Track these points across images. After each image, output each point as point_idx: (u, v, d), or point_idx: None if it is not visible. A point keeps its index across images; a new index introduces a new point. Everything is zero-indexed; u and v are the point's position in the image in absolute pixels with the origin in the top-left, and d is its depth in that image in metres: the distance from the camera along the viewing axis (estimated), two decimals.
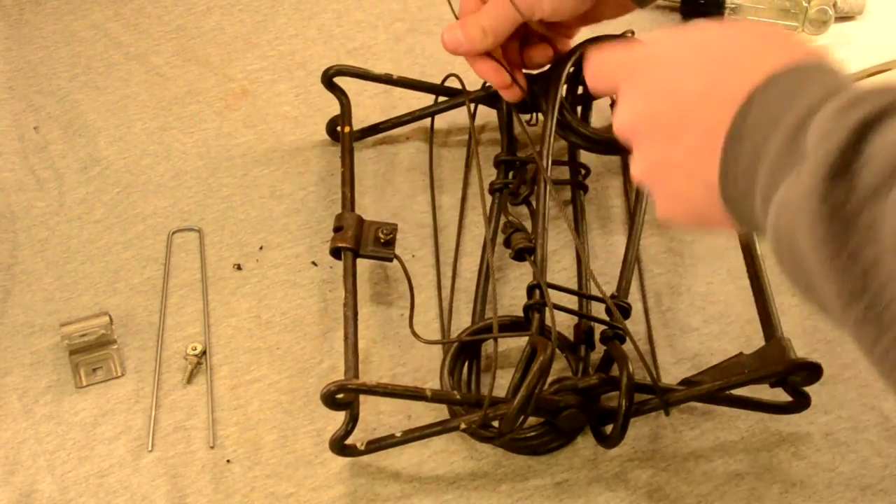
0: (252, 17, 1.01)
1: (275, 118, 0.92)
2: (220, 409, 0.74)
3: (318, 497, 0.70)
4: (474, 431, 0.68)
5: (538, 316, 0.70)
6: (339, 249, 0.74)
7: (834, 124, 0.41)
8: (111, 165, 0.89)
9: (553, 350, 0.65)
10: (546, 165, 0.75)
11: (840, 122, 0.40)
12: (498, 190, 0.82)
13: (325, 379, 0.75)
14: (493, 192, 0.82)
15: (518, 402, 0.64)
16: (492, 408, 0.66)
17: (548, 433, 0.71)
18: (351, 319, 0.71)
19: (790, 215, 0.42)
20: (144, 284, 0.81)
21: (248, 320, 0.79)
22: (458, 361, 0.73)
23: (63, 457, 0.72)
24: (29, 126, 0.92)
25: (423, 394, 0.67)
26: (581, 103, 0.84)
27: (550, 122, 0.77)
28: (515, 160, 0.83)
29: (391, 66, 0.95)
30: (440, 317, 0.78)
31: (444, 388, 0.71)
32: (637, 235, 0.78)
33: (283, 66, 0.96)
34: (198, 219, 0.85)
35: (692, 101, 0.49)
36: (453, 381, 0.72)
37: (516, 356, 0.71)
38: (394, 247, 0.75)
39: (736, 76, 0.47)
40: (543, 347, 0.65)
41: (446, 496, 0.70)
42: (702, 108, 0.48)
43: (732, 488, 0.70)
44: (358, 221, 0.76)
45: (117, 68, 0.96)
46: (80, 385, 0.76)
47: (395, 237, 0.75)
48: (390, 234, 0.75)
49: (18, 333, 0.79)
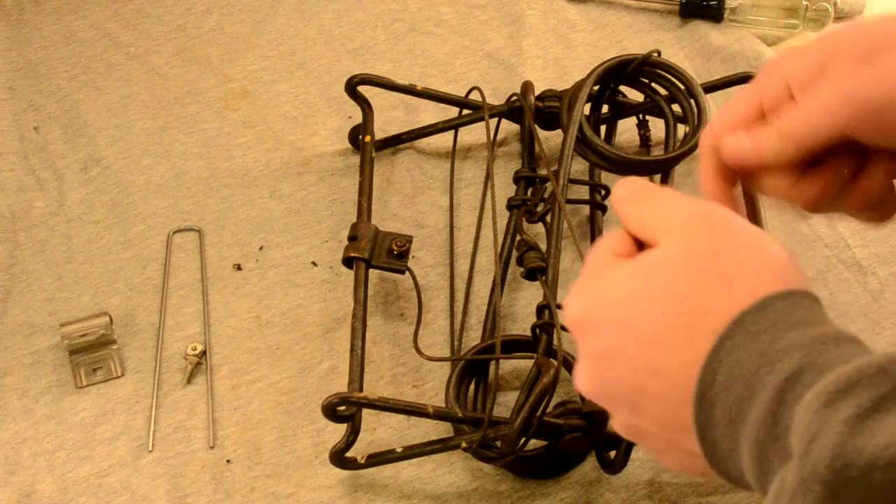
0: (252, 17, 1.01)
1: (275, 118, 0.92)
2: (220, 409, 0.74)
3: (318, 497, 0.70)
4: (476, 451, 0.68)
5: (546, 336, 0.69)
6: (351, 259, 0.74)
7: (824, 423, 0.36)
8: (111, 165, 0.89)
9: (557, 372, 0.63)
10: (562, 185, 0.73)
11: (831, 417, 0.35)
12: (515, 206, 0.81)
13: (325, 379, 0.76)
14: (511, 208, 0.82)
15: (518, 424, 0.63)
16: (493, 428, 0.66)
17: (551, 456, 0.69)
18: (359, 331, 0.70)
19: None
20: (144, 284, 0.81)
21: (248, 320, 0.79)
22: (464, 379, 0.72)
23: (63, 457, 0.72)
24: (29, 126, 0.92)
25: (425, 410, 0.67)
26: (606, 123, 0.84)
27: (569, 141, 0.75)
28: (535, 177, 0.83)
29: (391, 66, 0.95)
30: (450, 334, 0.78)
31: (448, 405, 0.70)
32: None
33: (283, 66, 0.96)
34: (198, 219, 0.85)
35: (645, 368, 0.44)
36: (459, 398, 0.71)
37: (527, 376, 0.69)
38: (407, 259, 0.75)
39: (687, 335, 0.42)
40: (547, 369, 0.64)
41: (447, 496, 0.70)
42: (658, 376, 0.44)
43: (734, 489, 0.70)
44: (374, 232, 0.76)
45: (117, 68, 0.96)
46: (80, 385, 0.76)
47: (408, 249, 0.75)
48: (404, 245, 0.75)
49: (18, 333, 0.79)
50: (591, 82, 0.78)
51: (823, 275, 0.80)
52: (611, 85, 0.82)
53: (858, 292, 0.79)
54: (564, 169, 0.74)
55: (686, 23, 0.98)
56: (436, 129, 0.88)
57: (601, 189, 0.83)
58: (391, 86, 0.86)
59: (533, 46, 0.96)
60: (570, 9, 1.00)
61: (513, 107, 0.85)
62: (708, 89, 0.83)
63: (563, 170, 0.74)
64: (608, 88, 0.82)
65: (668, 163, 0.79)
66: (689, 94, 0.79)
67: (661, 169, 0.80)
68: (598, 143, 0.77)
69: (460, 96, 0.88)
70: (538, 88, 0.84)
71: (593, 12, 1.00)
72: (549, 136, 0.86)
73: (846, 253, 0.81)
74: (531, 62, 0.95)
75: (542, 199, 0.80)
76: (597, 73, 0.79)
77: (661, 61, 0.80)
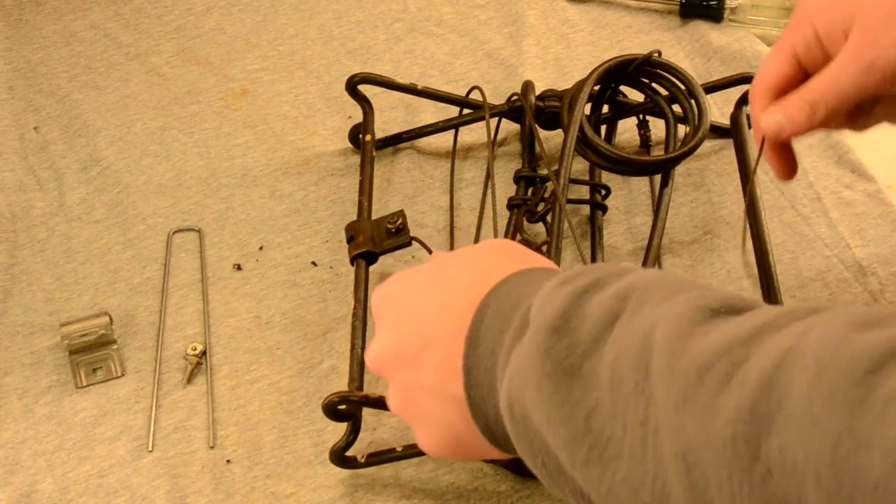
0: (252, 17, 1.01)
1: (275, 118, 0.92)
2: (220, 409, 0.74)
3: (318, 497, 0.70)
4: None
5: None
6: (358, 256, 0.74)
7: (552, 296, 0.43)
8: (111, 165, 0.89)
9: None
10: (563, 185, 0.74)
11: (558, 292, 0.43)
12: (516, 206, 0.81)
13: (325, 379, 0.76)
14: (511, 207, 0.81)
15: None
16: None
17: None
18: (360, 330, 0.70)
19: (519, 381, 0.43)
20: (144, 284, 0.81)
21: (248, 320, 0.79)
22: None
23: (63, 457, 0.72)
24: (29, 126, 0.92)
25: None
26: (606, 123, 0.84)
27: (570, 141, 0.75)
28: (535, 177, 0.83)
29: (391, 66, 0.95)
30: None
31: None
32: (654, 256, 0.77)
33: (283, 66, 0.96)
34: (198, 219, 0.85)
35: (432, 319, 0.49)
36: None
37: None
38: (406, 230, 0.75)
39: (470, 288, 0.48)
40: None
41: (446, 496, 0.70)
42: (440, 323, 0.49)
43: None
44: (367, 224, 0.76)
45: (117, 68, 0.96)
46: (80, 385, 0.76)
47: (403, 221, 0.75)
48: (397, 220, 0.75)
49: (18, 333, 0.79)
50: (592, 82, 0.78)
51: (823, 275, 0.80)
52: (611, 85, 0.82)
53: (858, 292, 0.79)
54: (565, 169, 0.74)
55: (686, 23, 0.98)
56: (436, 128, 0.88)
57: (601, 189, 0.83)
58: (391, 85, 0.86)
59: (533, 46, 0.96)
60: (570, 9, 1.00)
61: (513, 106, 0.85)
62: (708, 89, 0.83)
63: (563, 169, 0.74)
64: (609, 88, 0.82)
65: (668, 163, 0.79)
66: (690, 95, 0.79)
67: (661, 169, 0.80)
68: (599, 142, 0.77)
69: (461, 96, 0.88)
70: (538, 88, 0.84)
71: (593, 12, 1.00)
72: (550, 135, 0.86)
73: (846, 253, 0.81)
74: (531, 62, 0.95)
75: (543, 198, 0.80)
76: (597, 73, 0.79)
77: (662, 61, 0.80)
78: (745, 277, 0.80)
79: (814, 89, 0.57)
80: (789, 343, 0.35)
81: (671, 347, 0.38)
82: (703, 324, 0.38)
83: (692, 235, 0.83)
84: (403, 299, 0.52)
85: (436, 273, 0.52)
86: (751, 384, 0.35)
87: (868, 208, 0.84)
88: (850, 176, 0.86)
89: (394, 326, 0.52)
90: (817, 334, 0.34)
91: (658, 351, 0.38)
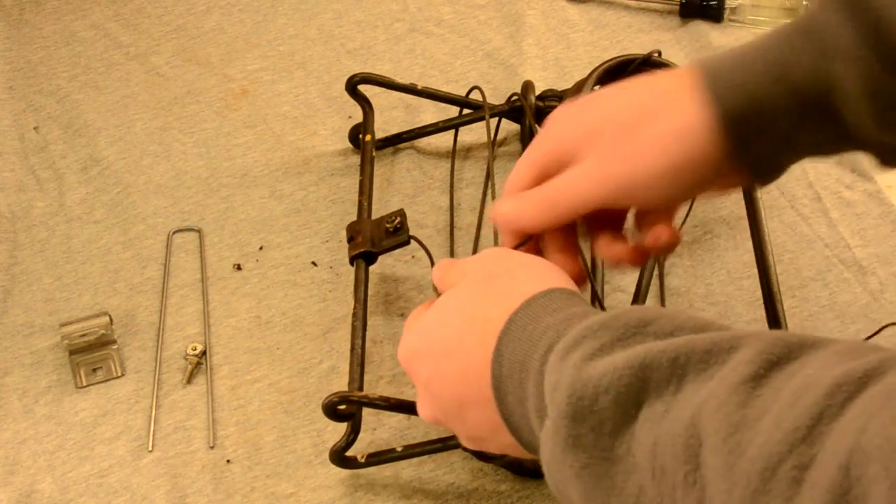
0: (252, 17, 1.01)
1: (275, 118, 0.92)
2: (220, 409, 0.74)
3: (318, 497, 0.70)
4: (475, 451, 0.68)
5: None
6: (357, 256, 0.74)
7: (562, 371, 0.43)
8: (111, 165, 0.89)
9: None
10: None
11: (565, 365, 0.43)
12: None
13: (325, 379, 0.76)
14: None
15: None
16: None
17: None
18: (360, 330, 0.70)
19: (559, 476, 0.43)
20: (144, 284, 0.81)
21: (248, 320, 0.79)
22: None
23: (63, 457, 0.72)
24: (29, 126, 0.92)
25: None
26: None
27: None
28: None
29: (391, 66, 0.95)
30: None
31: None
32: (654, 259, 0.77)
33: (283, 66, 0.96)
34: (198, 219, 0.85)
35: (459, 382, 0.51)
36: None
37: None
38: (405, 230, 0.75)
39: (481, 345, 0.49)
40: None
41: (446, 496, 0.70)
42: (466, 386, 0.50)
43: None
44: (367, 224, 0.76)
45: (117, 68, 0.96)
46: (80, 385, 0.76)
47: (403, 220, 0.75)
48: (395, 219, 0.75)
49: (18, 333, 0.79)
50: (592, 82, 0.78)
51: (823, 275, 0.80)
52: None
53: (858, 292, 0.79)
54: None
55: (686, 23, 0.98)
56: (436, 128, 0.88)
57: None
58: (392, 85, 0.86)
59: (533, 46, 0.96)
60: (570, 9, 1.00)
61: (513, 106, 0.85)
62: None
63: None
64: None
65: None
66: None
67: None
68: None
69: (460, 96, 0.88)
70: (538, 88, 0.84)
71: (593, 12, 1.00)
72: None
73: (846, 253, 0.81)
74: (531, 62, 0.95)
75: None
76: (597, 73, 0.79)
77: (662, 61, 0.80)
78: (745, 277, 0.80)
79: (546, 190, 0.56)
80: (851, 443, 0.34)
81: (726, 444, 0.36)
82: (749, 404, 0.37)
83: (692, 235, 0.83)
84: (430, 357, 0.53)
85: (448, 321, 0.52)
86: (821, 495, 0.34)
87: (868, 208, 0.84)
88: (850, 176, 0.86)
89: (427, 386, 0.53)
90: (874, 428, 0.33)
91: (710, 447, 0.37)
